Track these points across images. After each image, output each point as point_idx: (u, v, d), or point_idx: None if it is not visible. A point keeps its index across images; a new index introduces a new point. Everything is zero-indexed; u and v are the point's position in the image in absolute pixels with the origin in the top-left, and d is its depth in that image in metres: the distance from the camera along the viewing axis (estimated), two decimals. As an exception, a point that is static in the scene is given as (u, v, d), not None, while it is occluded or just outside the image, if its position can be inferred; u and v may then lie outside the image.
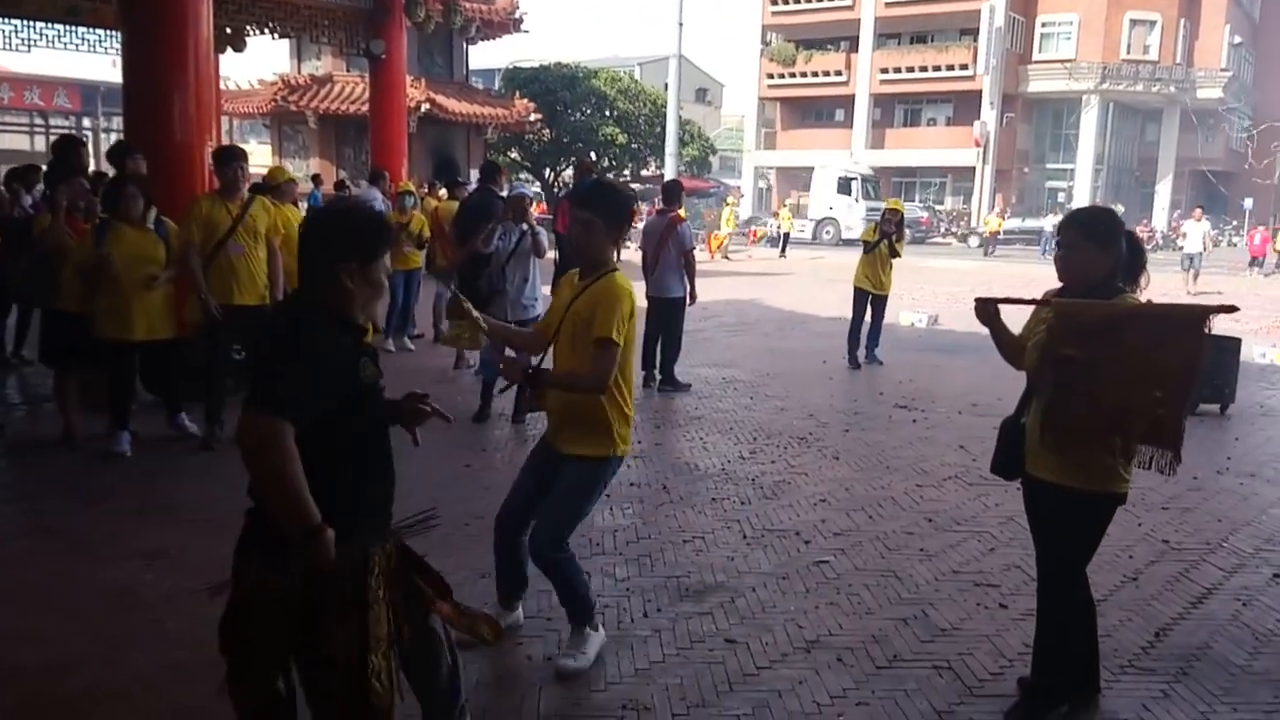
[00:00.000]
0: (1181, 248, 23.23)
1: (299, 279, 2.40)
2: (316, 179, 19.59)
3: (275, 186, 7.23)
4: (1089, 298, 3.07)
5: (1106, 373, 2.96)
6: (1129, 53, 42.51)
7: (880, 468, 6.37)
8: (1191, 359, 2.91)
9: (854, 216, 35.31)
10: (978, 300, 3.30)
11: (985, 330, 3.35)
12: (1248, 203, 40.82)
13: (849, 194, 36.35)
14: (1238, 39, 45.50)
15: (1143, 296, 3.25)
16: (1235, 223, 44.05)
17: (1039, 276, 21.78)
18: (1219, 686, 3.52)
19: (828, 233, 36.66)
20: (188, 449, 6.22)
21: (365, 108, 17.44)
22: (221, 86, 10.04)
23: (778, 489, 5.84)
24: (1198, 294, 18.50)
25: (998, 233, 34.53)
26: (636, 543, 4.86)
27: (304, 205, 16.45)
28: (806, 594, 4.30)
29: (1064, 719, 3.26)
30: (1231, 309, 2.99)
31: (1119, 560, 4.69)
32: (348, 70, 22.04)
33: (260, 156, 23.97)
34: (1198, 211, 22.99)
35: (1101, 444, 3.04)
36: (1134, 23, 42.67)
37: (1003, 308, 3.24)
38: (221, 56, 9.92)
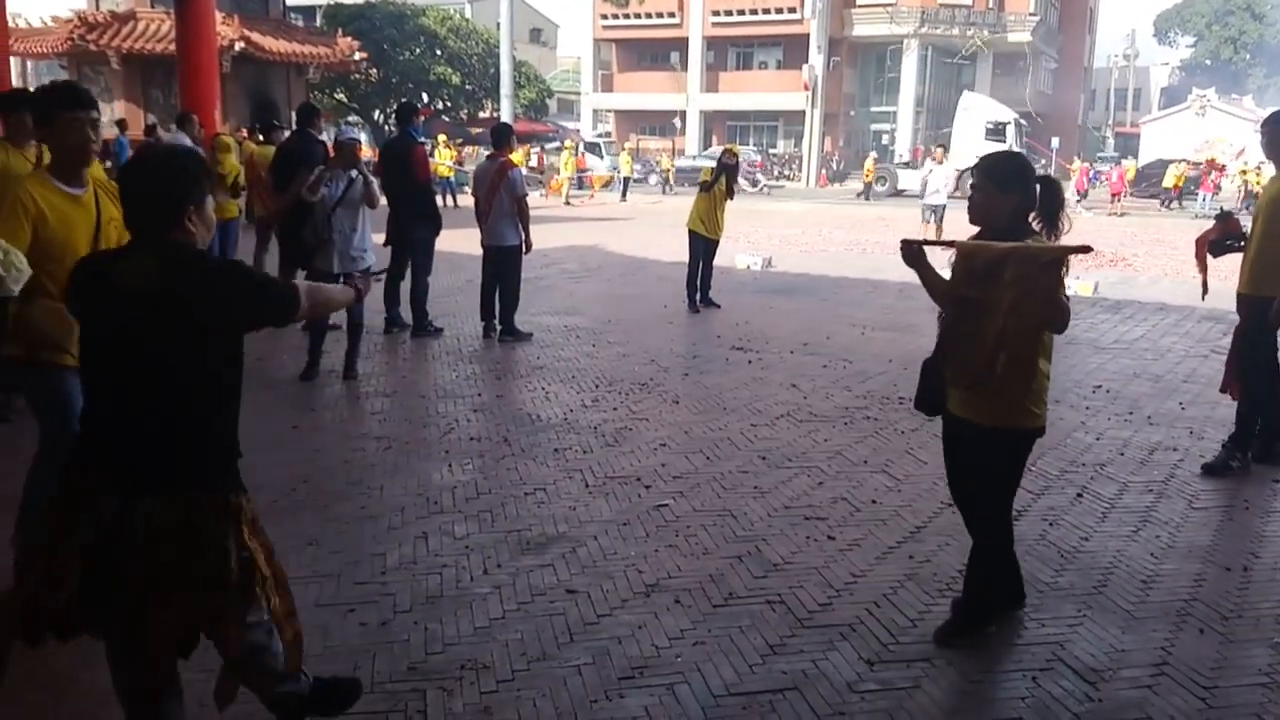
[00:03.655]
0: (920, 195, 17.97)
1: (133, 229, 2.32)
2: (122, 124, 18.24)
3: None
4: (997, 240, 3.15)
5: (990, 310, 3.08)
6: (946, -4, 44.17)
7: (718, 409, 6.49)
8: (1050, 295, 3.04)
9: None
10: (903, 242, 3.37)
11: (815, 271, 3.42)
12: (1055, 142, 43.36)
13: (1002, 139, 31.99)
14: (1044, -16, 47.94)
15: (1064, 239, 3.26)
16: (1044, 161, 46.78)
17: (864, 218, 22.64)
18: (1029, 603, 3.76)
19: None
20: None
21: (173, 47, 16.30)
22: (9, 24, 9.08)
23: (619, 436, 5.87)
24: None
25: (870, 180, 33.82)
26: (476, 498, 4.79)
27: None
28: (647, 538, 4.35)
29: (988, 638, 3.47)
30: (1087, 249, 3.09)
31: (938, 488, 4.93)
32: (152, 6, 20.57)
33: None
34: (939, 151, 17.67)
35: (999, 378, 3.14)
36: (950, -33, 44.30)
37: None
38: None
